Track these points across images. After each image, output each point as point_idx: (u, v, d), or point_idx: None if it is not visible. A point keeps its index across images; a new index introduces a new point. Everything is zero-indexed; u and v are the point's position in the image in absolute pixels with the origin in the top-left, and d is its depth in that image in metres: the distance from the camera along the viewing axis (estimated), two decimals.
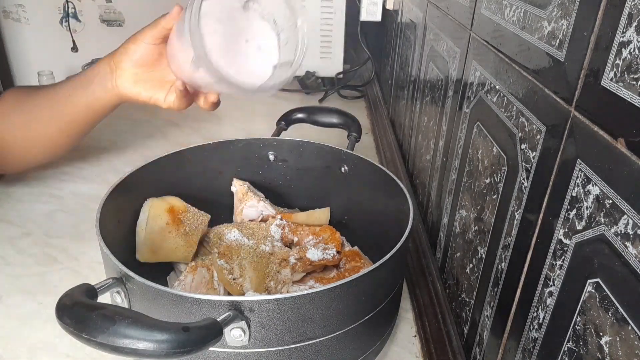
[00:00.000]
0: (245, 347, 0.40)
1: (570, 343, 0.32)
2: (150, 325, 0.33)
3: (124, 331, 0.32)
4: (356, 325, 0.45)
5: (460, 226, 0.57)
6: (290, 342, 0.42)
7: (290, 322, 0.41)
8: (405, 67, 0.99)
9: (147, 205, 0.60)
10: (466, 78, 0.57)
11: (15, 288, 0.62)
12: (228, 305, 0.38)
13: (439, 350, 0.56)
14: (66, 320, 0.34)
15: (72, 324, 0.33)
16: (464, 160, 0.56)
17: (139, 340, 0.32)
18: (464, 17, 0.59)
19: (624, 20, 0.27)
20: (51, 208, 0.79)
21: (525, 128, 0.40)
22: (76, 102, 0.68)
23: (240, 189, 0.67)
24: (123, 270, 0.40)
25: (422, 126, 0.81)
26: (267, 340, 0.41)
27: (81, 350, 0.54)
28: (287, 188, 0.71)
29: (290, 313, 0.40)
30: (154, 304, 0.40)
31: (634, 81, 0.26)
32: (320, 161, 0.67)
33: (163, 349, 0.32)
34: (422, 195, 0.80)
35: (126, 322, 0.33)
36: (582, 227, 0.31)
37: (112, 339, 0.32)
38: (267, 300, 0.39)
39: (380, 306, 0.47)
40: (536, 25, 0.39)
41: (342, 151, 0.65)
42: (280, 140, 0.67)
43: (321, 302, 0.41)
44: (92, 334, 0.32)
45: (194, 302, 0.39)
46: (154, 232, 0.58)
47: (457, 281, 0.57)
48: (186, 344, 0.33)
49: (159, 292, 0.39)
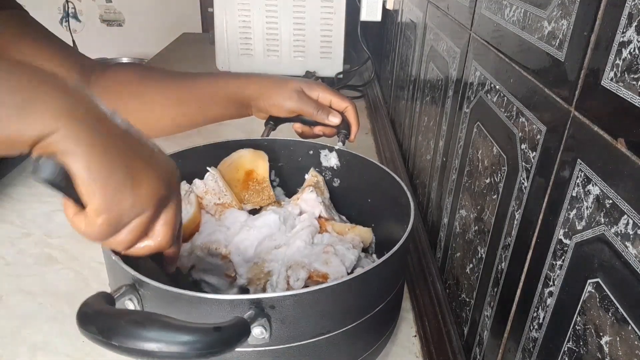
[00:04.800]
0: (266, 344, 0.40)
1: (570, 343, 0.32)
2: (181, 327, 0.33)
3: (156, 335, 0.32)
4: (368, 317, 0.46)
5: (460, 226, 0.57)
6: (309, 337, 0.42)
7: (309, 317, 0.41)
8: (405, 67, 0.99)
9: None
10: (466, 78, 0.57)
11: (15, 288, 0.63)
12: (249, 303, 0.38)
13: (439, 350, 0.56)
14: (92, 329, 0.33)
15: (99, 332, 0.32)
16: (464, 160, 0.56)
17: (171, 343, 0.32)
18: (464, 17, 0.59)
19: (624, 20, 0.27)
20: (51, 208, 0.79)
21: (525, 128, 0.40)
22: (216, 112, 0.67)
23: (311, 178, 0.66)
24: (136, 277, 0.40)
25: (422, 126, 0.81)
26: (287, 337, 0.41)
27: (81, 350, 0.54)
28: (282, 188, 0.71)
29: (310, 308, 0.41)
30: (171, 307, 0.40)
31: (634, 81, 0.26)
32: (312, 159, 0.67)
33: (196, 350, 0.32)
34: (422, 195, 0.80)
35: (157, 326, 0.32)
36: (582, 227, 0.31)
37: (144, 344, 0.32)
38: (287, 296, 0.39)
39: (388, 298, 0.48)
40: (536, 25, 0.39)
41: (334, 148, 0.65)
42: (271, 140, 0.67)
43: (339, 295, 0.42)
44: (123, 341, 0.32)
45: (213, 302, 0.38)
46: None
47: (457, 281, 0.57)
48: (218, 344, 0.33)
49: (176, 295, 0.39)
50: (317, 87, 0.66)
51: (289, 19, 1.29)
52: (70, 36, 2.68)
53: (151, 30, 2.63)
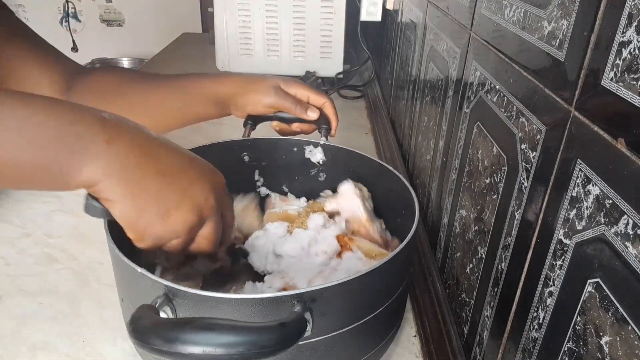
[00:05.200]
0: (307, 337, 0.40)
1: (571, 343, 0.32)
2: (249, 328, 0.33)
3: (226, 339, 0.32)
4: (391, 301, 0.47)
5: (460, 226, 0.57)
6: (343, 326, 0.43)
7: (345, 306, 0.42)
8: (405, 67, 0.99)
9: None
10: (466, 78, 0.57)
11: (15, 288, 0.63)
12: (291, 299, 0.38)
13: (439, 350, 0.56)
14: (154, 342, 0.32)
15: (163, 344, 0.32)
16: (464, 160, 0.56)
17: (242, 344, 0.32)
18: (464, 17, 0.59)
19: (624, 20, 0.27)
20: (51, 208, 0.79)
21: (525, 128, 0.40)
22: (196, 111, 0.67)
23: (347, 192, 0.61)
24: (170, 286, 0.39)
25: (422, 126, 0.81)
26: (326, 328, 0.41)
27: (81, 350, 0.54)
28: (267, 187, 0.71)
29: (347, 296, 0.41)
30: (210, 312, 0.39)
31: (634, 81, 0.26)
32: (297, 156, 0.67)
33: (267, 348, 0.33)
34: (422, 195, 0.80)
35: (225, 329, 0.33)
36: (582, 227, 0.31)
37: (217, 349, 0.32)
38: (327, 287, 0.39)
39: (397, 292, 0.48)
40: (536, 25, 0.39)
41: (318, 144, 0.65)
42: (254, 140, 0.67)
43: (371, 281, 0.42)
44: (190, 349, 0.32)
45: (257, 302, 0.38)
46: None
47: (457, 281, 0.57)
48: (286, 339, 0.34)
49: (218, 300, 0.38)
50: (294, 84, 0.66)
51: (289, 19, 1.29)
52: (70, 36, 2.68)
53: (151, 30, 2.63)
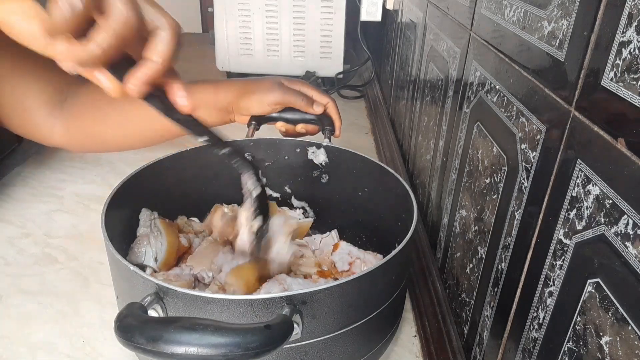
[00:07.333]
0: (297, 340, 0.40)
1: (571, 343, 0.32)
2: (233, 329, 0.33)
3: (209, 339, 0.32)
4: (388, 304, 0.47)
5: (460, 226, 0.57)
6: (336, 329, 0.42)
7: (337, 309, 0.41)
8: (405, 67, 0.99)
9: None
10: (466, 78, 0.57)
11: (15, 288, 0.63)
12: (280, 301, 0.38)
13: (439, 350, 0.56)
14: (138, 340, 0.32)
15: (146, 342, 0.32)
16: (464, 160, 0.56)
17: (225, 345, 0.32)
18: (464, 17, 0.59)
19: (624, 20, 0.27)
20: (51, 208, 0.80)
21: (525, 128, 0.40)
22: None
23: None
24: (161, 285, 0.39)
25: (422, 126, 0.81)
26: (317, 331, 0.41)
27: (81, 350, 0.54)
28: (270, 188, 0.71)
29: (339, 300, 0.41)
30: (200, 312, 0.39)
31: (634, 81, 0.26)
32: (300, 157, 0.67)
33: (251, 350, 0.32)
34: (422, 195, 0.80)
35: (210, 330, 0.32)
36: (582, 227, 0.31)
37: (199, 350, 0.31)
38: (319, 290, 0.39)
39: (395, 293, 0.48)
40: (536, 25, 0.39)
41: (321, 145, 0.65)
42: (256, 140, 0.67)
43: (364, 286, 0.42)
44: (173, 348, 0.32)
45: (247, 303, 0.38)
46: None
47: (457, 281, 0.57)
48: (270, 342, 0.33)
49: (207, 299, 0.38)
50: (298, 82, 0.66)
51: (289, 19, 1.29)
52: None
53: None
